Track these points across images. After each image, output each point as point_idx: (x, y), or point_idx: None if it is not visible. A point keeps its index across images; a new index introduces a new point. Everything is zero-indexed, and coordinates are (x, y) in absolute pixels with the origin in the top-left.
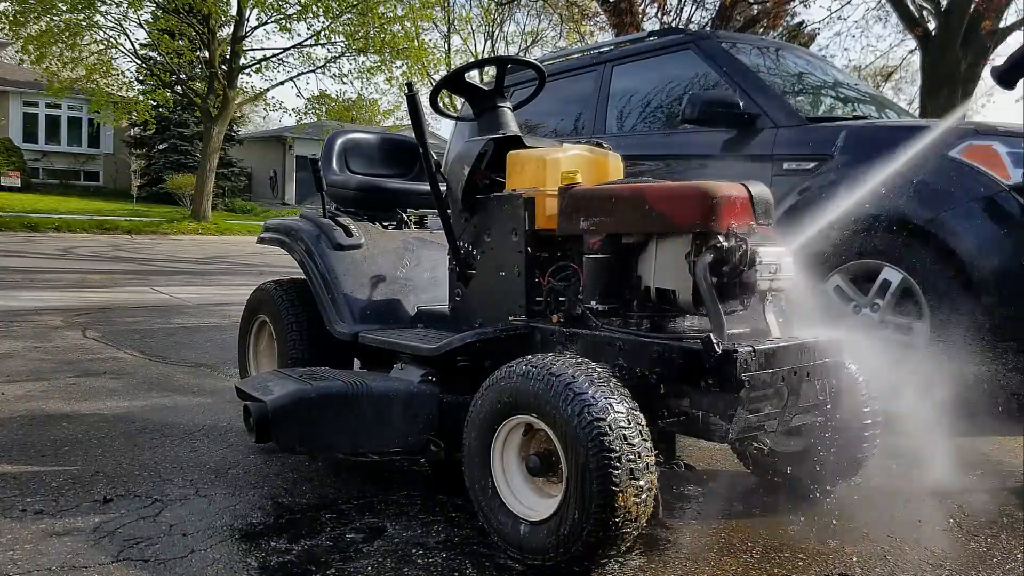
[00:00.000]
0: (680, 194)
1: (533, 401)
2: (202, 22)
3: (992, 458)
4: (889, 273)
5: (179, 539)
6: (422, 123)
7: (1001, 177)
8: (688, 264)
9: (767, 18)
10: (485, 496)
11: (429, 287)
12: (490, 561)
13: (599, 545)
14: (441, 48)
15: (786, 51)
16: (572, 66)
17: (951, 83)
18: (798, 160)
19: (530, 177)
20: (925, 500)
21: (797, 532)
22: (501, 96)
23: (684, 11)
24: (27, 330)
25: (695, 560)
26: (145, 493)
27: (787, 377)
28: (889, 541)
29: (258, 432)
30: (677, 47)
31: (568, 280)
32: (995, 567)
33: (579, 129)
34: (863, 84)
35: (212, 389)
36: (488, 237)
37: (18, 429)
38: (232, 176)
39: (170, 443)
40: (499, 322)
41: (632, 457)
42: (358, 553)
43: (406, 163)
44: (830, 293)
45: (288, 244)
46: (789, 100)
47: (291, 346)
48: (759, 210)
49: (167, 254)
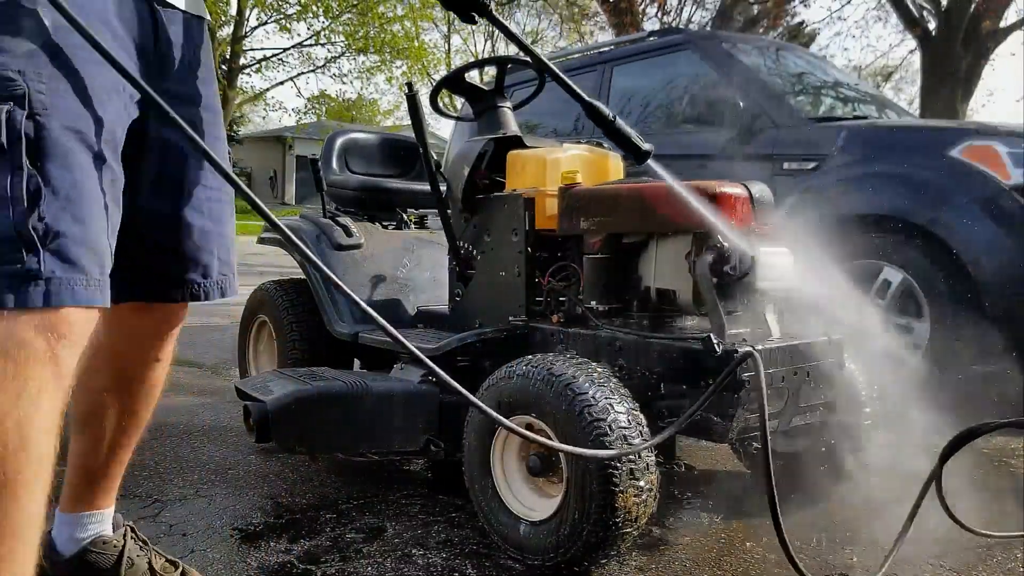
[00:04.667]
0: (680, 194)
1: (533, 401)
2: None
3: (992, 458)
4: (889, 273)
5: (179, 539)
6: (422, 123)
7: (1001, 177)
8: (688, 264)
9: (767, 18)
10: (485, 496)
11: (429, 287)
12: (490, 561)
13: (599, 545)
14: (441, 48)
15: (786, 51)
16: (572, 66)
17: (951, 83)
18: (798, 160)
19: (530, 177)
20: (925, 500)
21: (797, 532)
22: (501, 96)
23: (684, 11)
24: None
25: (695, 560)
26: (145, 493)
27: (787, 377)
28: (889, 541)
29: (258, 432)
30: (677, 47)
31: (568, 280)
32: (995, 567)
33: (579, 129)
34: (863, 84)
35: (212, 389)
36: (488, 237)
37: None
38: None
39: (170, 443)
40: (499, 322)
41: (632, 457)
42: (358, 553)
43: (406, 163)
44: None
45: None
46: (789, 100)
47: (291, 346)
48: (759, 210)
49: None
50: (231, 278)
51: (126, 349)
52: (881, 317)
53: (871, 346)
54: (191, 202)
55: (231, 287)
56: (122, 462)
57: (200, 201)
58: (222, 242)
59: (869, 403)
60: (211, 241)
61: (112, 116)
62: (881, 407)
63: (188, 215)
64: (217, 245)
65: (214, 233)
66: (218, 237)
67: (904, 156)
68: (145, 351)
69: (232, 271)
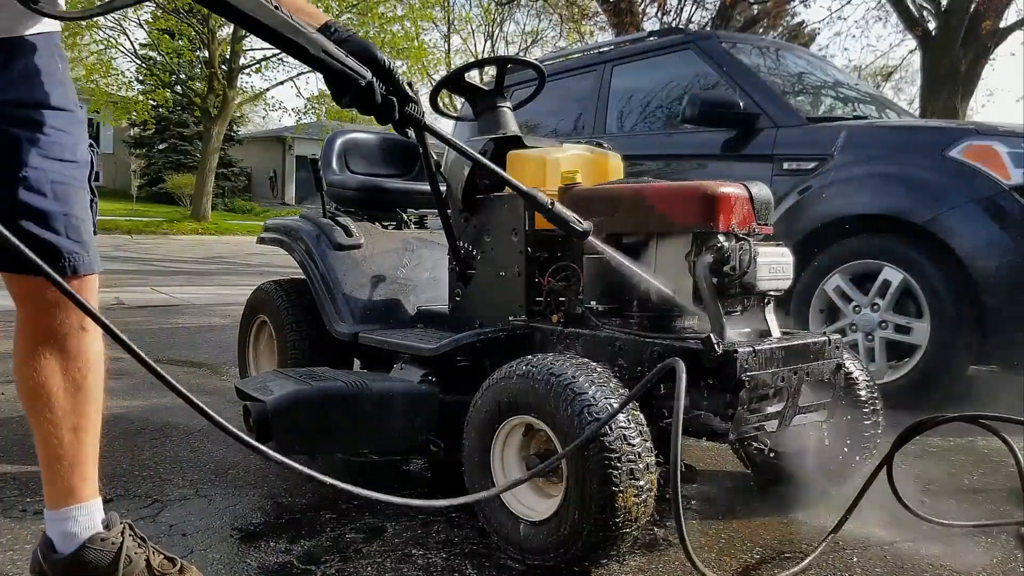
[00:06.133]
0: (680, 194)
1: (533, 401)
2: (202, 22)
3: (992, 458)
4: (889, 273)
5: (179, 539)
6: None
7: (1001, 177)
8: (688, 264)
9: (767, 18)
10: None
11: (429, 287)
12: (490, 561)
13: (599, 545)
14: (441, 48)
15: (786, 51)
16: (572, 66)
17: (951, 83)
18: (798, 160)
19: (530, 177)
20: (925, 501)
21: (797, 532)
22: (501, 96)
23: (684, 11)
24: None
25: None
26: (145, 493)
27: (787, 377)
28: (889, 541)
29: (258, 432)
30: (677, 47)
31: (568, 280)
32: (995, 567)
33: (579, 129)
34: (863, 84)
35: (212, 389)
36: (488, 237)
37: (18, 429)
38: (232, 176)
39: (170, 443)
40: (499, 322)
41: (632, 457)
42: (358, 553)
43: (406, 163)
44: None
45: (288, 244)
46: (789, 100)
47: (291, 346)
48: (759, 210)
49: (167, 254)
50: (83, 256)
51: (36, 318)
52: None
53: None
54: (30, 185)
55: (83, 264)
56: (90, 446)
57: (41, 184)
58: (69, 222)
59: (869, 402)
60: (56, 221)
61: None
62: (881, 406)
63: (27, 198)
64: (64, 225)
65: (59, 214)
66: (64, 218)
67: (904, 156)
68: (54, 318)
69: (85, 250)
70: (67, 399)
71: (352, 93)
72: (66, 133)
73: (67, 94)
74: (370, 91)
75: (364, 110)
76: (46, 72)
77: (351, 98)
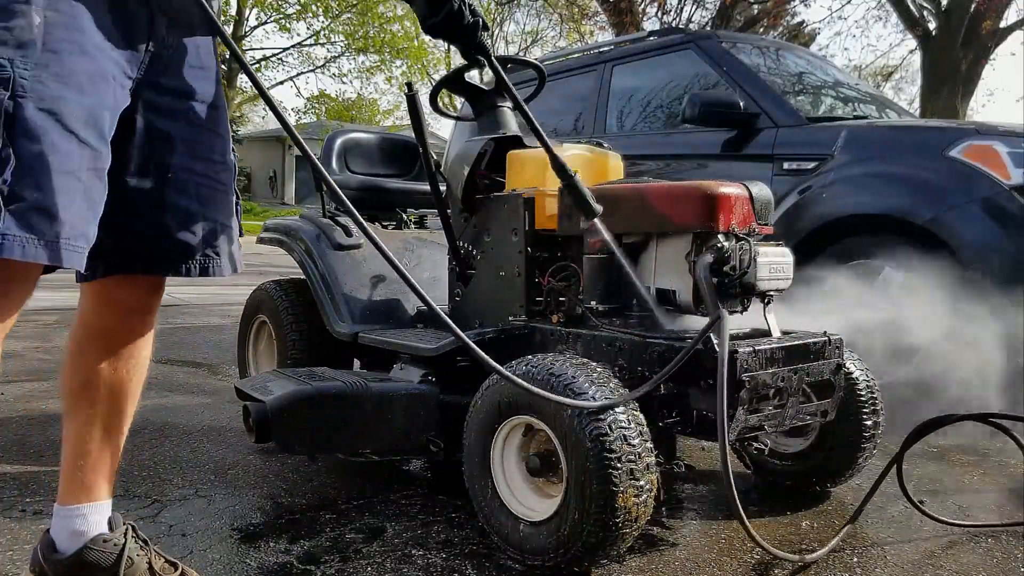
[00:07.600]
0: (680, 194)
1: (533, 401)
2: None
3: (992, 458)
4: (889, 273)
5: (178, 539)
6: (422, 123)
7: (1001, 177)
8: (688, 264)
9: (767, 18)
10: (485, 496)
11: (429, 287)
12: (490, 561)
13: (599, 546)
14: (441, 48)
15: (786, 51)
16: (572, 66)
17: (951, 83)
18: (798, 160)
19: (530, 177)
20: (925, 501)
21: (797, 532)
22: (501, 96)
23: (684, 11)
24: (27, 330)
25: (695, 560)
26: (144, 493)
27: (787, 377)
28: (890, 541)
29: (258, 432)
30: (677, 47)
31: (568, 280)
32: (995, 567)
33: (579, 129)
34: (863, 84)
35: (212, 389)
36: (488, 237)
37: (18, 429)
38: None
39: (170, 443)
40: (499, 322)
41: (632, 457)
42: (358, 553)
43: (406, 163)
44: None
45: (288, 244)
46: (789, 100)
47: (291, 346)
48: (759, 210)
49: None
50: (217, 260)
51: (113, 323)
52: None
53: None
54: (176, 184)
55: (216, 268)
56: (115, 447)
57: (187, 184)
58: (208, 225)
59: (869, 402)
60: (195, 221)
61: (93, 101)
62: (881, 406)
63: (171, 196)
64: (202, 227)
65: (199, 215)
66: (203, 219)
67: (904, 156)
68: (132, 324)
69: (220, 253)
70: (109, 398)
71: (445, 12)
72: (217, 134)
73: (222, 94)
74: (460, 12)
75: (449, 33)
76: (208, 68)
77: (443, 17)
